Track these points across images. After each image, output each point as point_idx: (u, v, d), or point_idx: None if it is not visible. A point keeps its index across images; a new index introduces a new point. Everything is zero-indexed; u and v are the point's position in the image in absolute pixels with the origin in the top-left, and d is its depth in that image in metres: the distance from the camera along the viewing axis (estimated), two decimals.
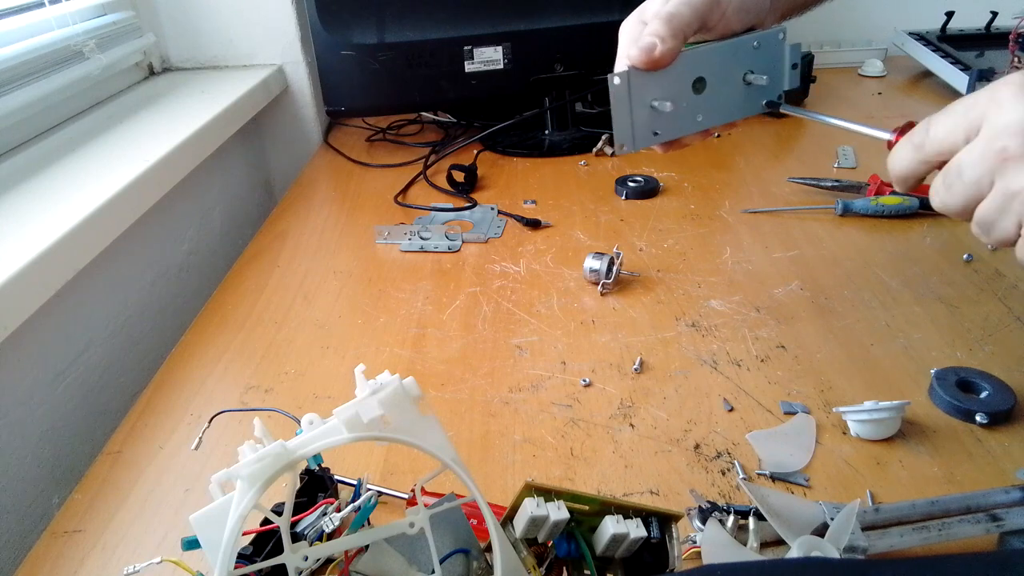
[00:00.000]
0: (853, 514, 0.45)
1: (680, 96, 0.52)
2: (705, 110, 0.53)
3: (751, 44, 0.52)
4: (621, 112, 0.50)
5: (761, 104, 0.54)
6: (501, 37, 1.07)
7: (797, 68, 0.54)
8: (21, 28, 0.90)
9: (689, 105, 0.52)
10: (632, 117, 0.51)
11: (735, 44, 0.52)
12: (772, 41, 0.53)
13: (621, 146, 0.52)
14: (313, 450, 0.37)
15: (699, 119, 0.53)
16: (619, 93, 0.50)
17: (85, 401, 0.76)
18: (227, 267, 0.89)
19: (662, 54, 0.49)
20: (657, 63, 0.49)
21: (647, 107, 0.51)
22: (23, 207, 0.73)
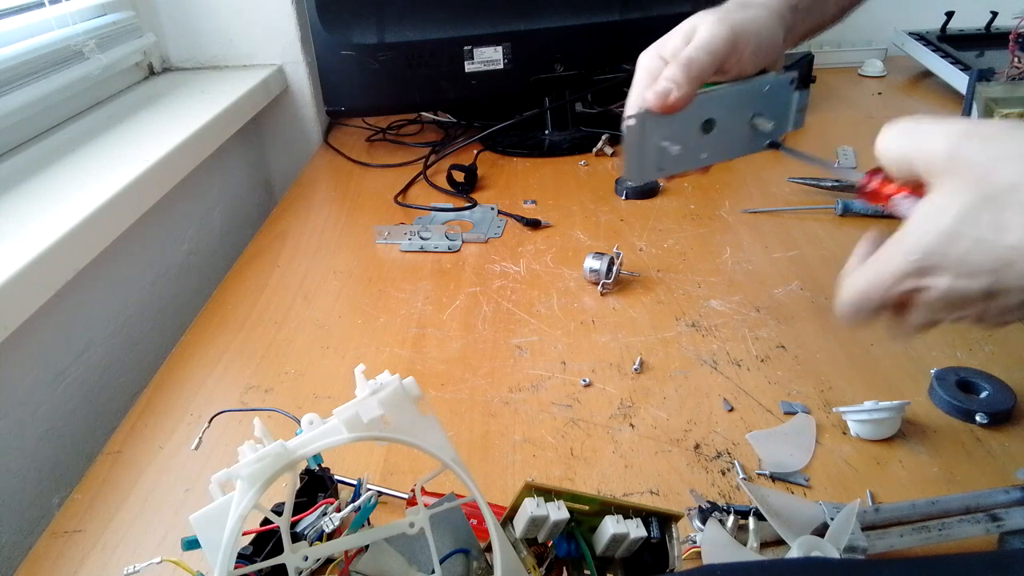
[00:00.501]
0: (853, 514, 0.45)
1: (689, 136, 0.53)
2: (710, 149, 0.54)
3: (762, 88, 0.53)
4: (632, 150, 0.52)
5: (763, 144, 0.56)
6: (501, 37, 1.07)
7: (804, 112, 0.56)
8: (21, 28, 0.90)
9: (696, 144, 0.54)
10: (641, 155, 0.52)
11: (746, 88, 0.53)
12: (782, 86, 0.55)
13: (628, 180, 0.54)
14: (313, 450, 0.37)
15: (703, 156, 0.55)
16: (633, 134, 0.51)
17: (85, 401, 0.76)
18: (227, 267, 0.89)
19: (677, 100, 0.50)
20: (672, 108, 0.50)
21: (657, 146, 0.52)
22: (23, 207, 0.73)
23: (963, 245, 0.36)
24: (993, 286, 0.36)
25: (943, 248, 0.36)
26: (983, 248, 0.35)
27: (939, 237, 0.36)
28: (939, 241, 0.36)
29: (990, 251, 0.35)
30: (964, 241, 0.36)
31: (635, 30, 1.10)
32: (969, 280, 0.36)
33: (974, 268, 0.36)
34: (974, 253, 0.36)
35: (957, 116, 0.66)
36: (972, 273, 0.36)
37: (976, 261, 0.36)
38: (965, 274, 0.36)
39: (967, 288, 0.36)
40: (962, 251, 0.36)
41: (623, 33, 1.09)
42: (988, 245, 0.35)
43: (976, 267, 0.36)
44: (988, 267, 0.35)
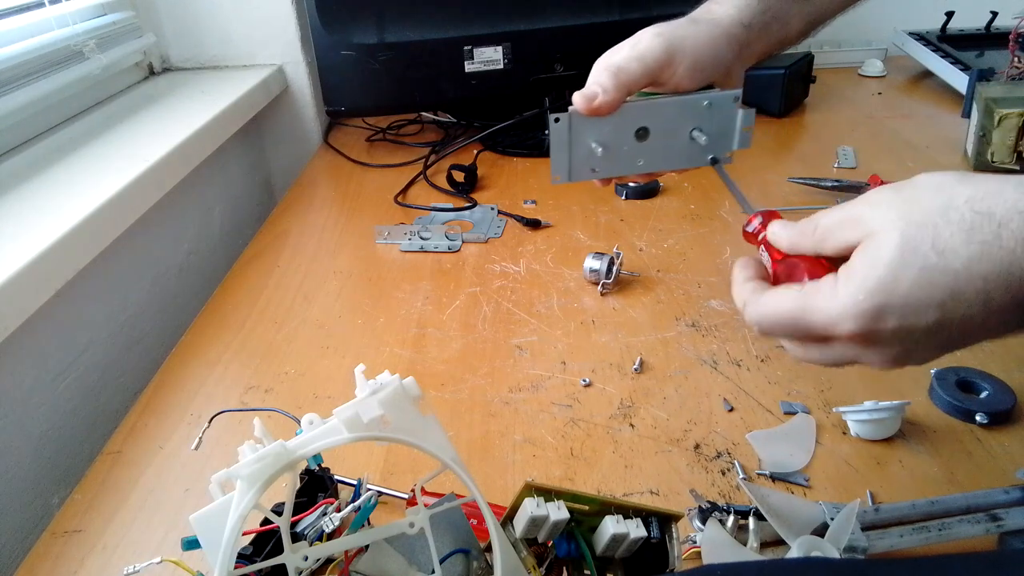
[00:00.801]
0: (853, 514, 0.45)
1: (621, 141, 0.54)
2: (647, 156, 0.55)
3: (702, 103, 0.53)
4: (559, 148, 0.53)
5: (706, 158, 0.55)
6: (501, 37, 1.07)
7: (750, 131, 0.55)
8: (21, 28, 0.90)
9: (630, 150, 0.54)
10: (571, 153, 0.53)
11: (682, 102, 0.53)
12: (725, 103, 0.54)
13: (556, 177, 0.54)
14: (313, 450, 0.37)
15: (640, 163, 0.55)
16: (558, 131, 0.52)
17: (85, 401, 0.76)
18: (227, 267, 0.89)
19: (600, 104, 0.51)
20: (595, 112, 0.51)
21: (587, 146, 0.53)
22: (23, 207, 0.73)
23: (908, 278, 0.34)
24: (940, 320, 0.34)
25: (888, 287, 0.34)
26: (929, 279, 0.33)
27: (885, 273, 0.34)
28: (884, 278, 0.34)
29: (937, 281, 0.33)
30: (909, 273, 0.33)
31: (635, 30, 1.09)
32: (916, 318, 0.34)
33: (921, 304, 0.34)
34: (919, 287, 0.33)
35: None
36: (919, 310, 0.34)
37: (922, 296, 0.33)
38: (912, 312, 0.34)
39: (913, 326, 0.34)
40: (907, 286, 0.34)
41: (623, 33, 1.08)
42: (934, 275, 0.33)
43: (923, 302, 0.33)
44: (936, 300, 0.33)
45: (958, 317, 0.34)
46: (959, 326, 0.34)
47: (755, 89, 1.23)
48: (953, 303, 0.33)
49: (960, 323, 0.34)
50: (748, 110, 0.54)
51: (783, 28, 0.58)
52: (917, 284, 0.33)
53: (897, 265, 0.34)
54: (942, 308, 0.33)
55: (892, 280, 0.34)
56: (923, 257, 0.33)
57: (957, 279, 0.33)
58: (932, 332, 0.34)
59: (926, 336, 0.35)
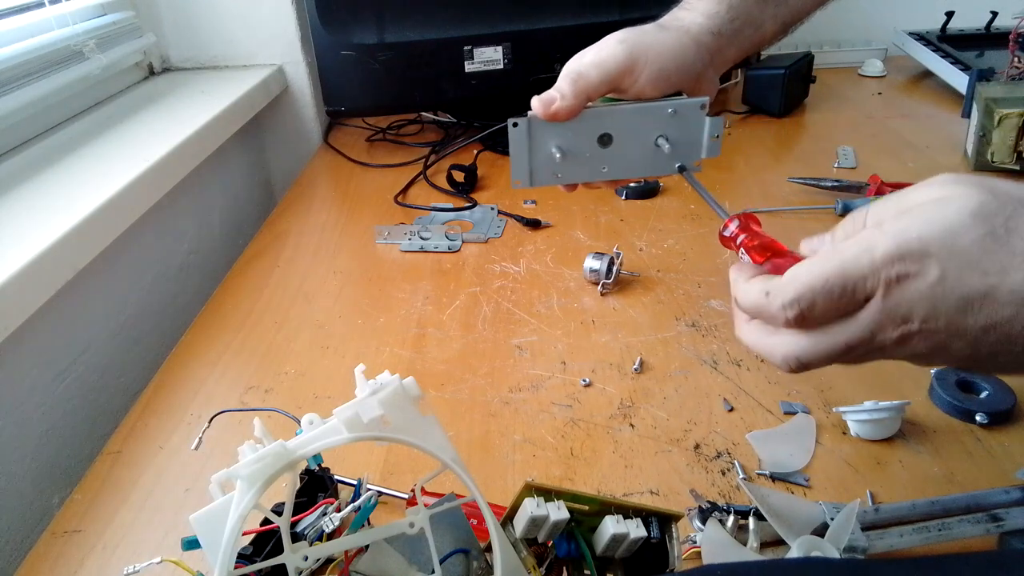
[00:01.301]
0: (853, 514, 0.45)
1: (583, 147, 0.53)
2: (611, 163, 0.54)
3: (666, 111, 0.53)
4: (519, 152, 0.53)
5: (674, 166, 0.54)
6: (501, 37, 1.07)
7: (719, 139, 0.54)
8: (21, 28, 0.90)
9: (593, 156, 0.54)
10: (531, 157, 0.53)
11: (645, 108, 0.53)
12: (691, 111, 0.53)
13: (516, 182, 0.54)
14: (313, 450, 0.37)
15: (604, 170, 0.54)
16: (518, 136, 0.52)
17: (85, 401, 0.76)
18: (227, 267, 0.89)
19: (558, 109, 0.50)
20: (553, 117, 0.51)
21: (548, 152, 0.53)
22: (23, 207, 0.73)
23: (968, 237, 0.31)
24: (982, 292, 0.31)
25: (944, 237, 0.32)
26: (988, 246, 0.31)
27: (946, 223, 0.32)
28: (946, 227, 0.32)
29: (993, 251, 0.31)
30: (971, 234, 0.31)
31: None
32: (958, 278, 0.31)
33: (970, 263, 0.31)
34: (975, 247, 0.31)
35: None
36: (964, 269, 0.31)
37: (973, 257, 0.31)
38: (956, 268, 0.31)
39: (953, 288, 0.32)
40: (964, 244, 0.31)
41: None
42: (994, 244, 0.31)
43: (972, 263, 0.31)
44: (984, 267, 0.31)
45: (997, 299, 0.31)
46: (993, 310, 0.31)
47: (755, 89, 1.23)
48: (1000, 279, 0.31)
49: (995, 307, 0.31)
50: (716, 118, 0.53)
51: (756, 32, 0.57)
52: (975, 244, 0.31)
53: (964, 222, 0.32)
54: (986, 278, 0.31)
55: (952, 233, 0.32)
56: (991, 227, 0.31)
57: (1011, 256, 0.31)
58: (969, 305, 0.32)
59: (960, 310, 0.32)
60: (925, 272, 0.32)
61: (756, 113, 1.24)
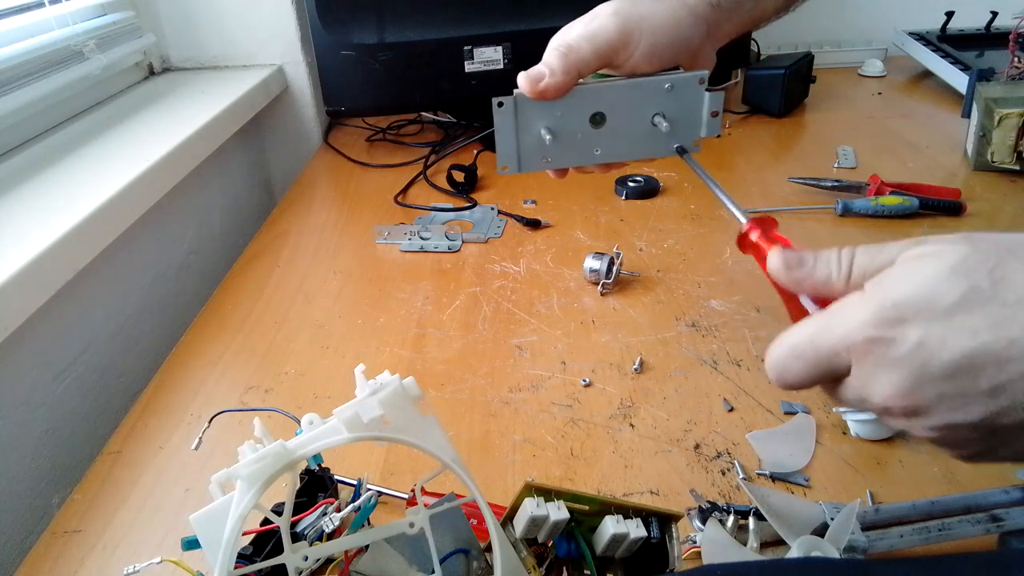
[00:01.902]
0: (853, 514, 0.45)
1: (575, 128, 0.50)
2: (605, 145, 0.51)
3: (662, 86, 0.49)
4: (505, 135, 0.49)
5: (672, 147, 0.51)
6: (501, 37, 1.07)
7: (718, 116, 0.50)
8: (21, 28, 0.90)
9: (586, 138, 0.50)
10: (518, 141, 0.49)
11: (640, 84, 0.49)
12: (689, 85, 0.49)
13: (504, 167, 0.50)
14: (313, 450, 0.37)
15: (597, 152, 0.51)
16: (503, 117, 0.48)
17: (85, 401, 0.76)
18: (227, 267, 0.89)
19: (547, 86, 0.47)
20: (542, 94, 0.47)
21: (536, 133, 0.49)
22: (23, 207, 0.73)
23: (949, 297, 0.29)
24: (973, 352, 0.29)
25: (922, 299, 0.29)
26: (970, 303, 0.29)
27: (925, 284, 0.30)
28: (922, 289, 0.30)
29: (978, 307, 0.29)
30: (952, 291, 0.29)
31: None
32: (942, 340, 0.29)
33: (953, 325, 0.29)
34: (957, 307, 0.29)
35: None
36: (948, 332, 0.29)
37: (957, 319, 0.29)
38: (939, 329, 0.29)
39: (938, 350, 0.29)
40: (945, 304, 0.29)
41: None
42: (978, 299, 0.29)
43: (956, 324, 0.29)
44: (970, 325, 0.29)
45: (995, 356, 0.29)
46: (994, 370, 0.29)
47: (755, 89, 1.23)
48: (993, 336, 0.28)
49: (996, 366, 0.29)
50: (716, 93, 0.50)
51: (756, 5, 0.54)
52: (956, 305, 0.29)
53: (943, 282, 0.29)
54: (975, 337, 0.29)
55: (930, 293, 0.29)
56: (973, 282, 0.29)
57: (1003, 307, 0.28)
58: (959, 371, 0.29)
59: (949, 376, 0.29)
60: (903, 339, 0.30)
61: (756, 113, 1.24)
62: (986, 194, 0.91)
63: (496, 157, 0.50)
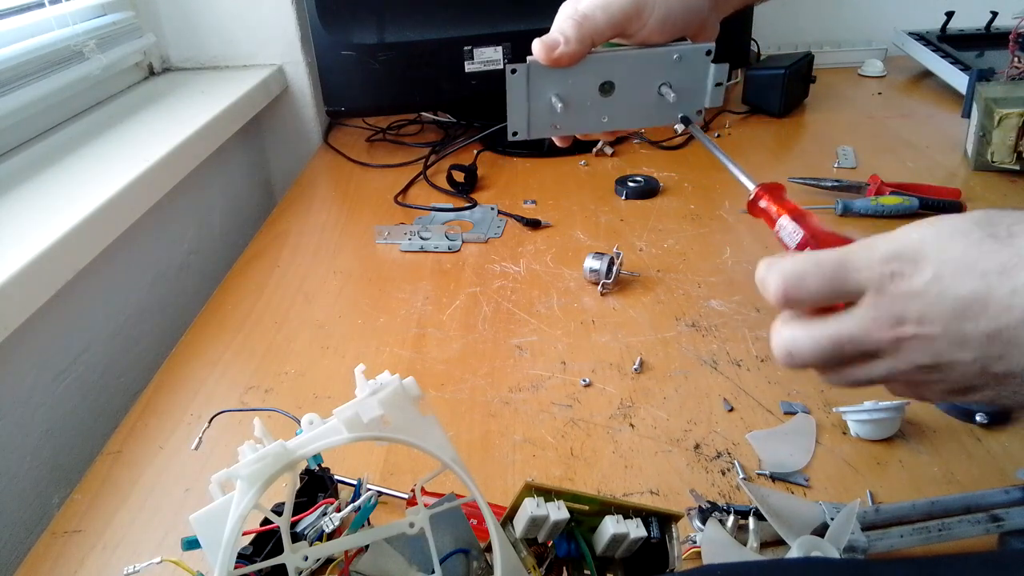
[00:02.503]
0: (853, 514, 0.45)
1: (584, 96, 0.51)
2: (612, 113, 0.52)
3: (671, 56, 0.50)
4: (517, 101, 0.50)
5: (677, 116, 0.52)
6: (501, 37, 1.07)
7: (722, 87, 0.52)
8: (21, 28, 0.90)
9: (594, 105, 0.52)
10: (530, 107, 0.51)
11: (650, 54, 0.50)
12: (696, 56, 0.51)
13: (514, 133, 0.52)
14: (313, 450, 0.37)
15: (604, 120, 0.52)
16: (516, 83, 0.49)
17: (85, 401, 0.76)
18: (227, 267, 0.89)
19: (561, 55, 0.48)
20: (556, 62, 0.48)
21: (547, 100, 0.50)
22: (23, 207, 0.73)
23: (963, 243, 0.31)
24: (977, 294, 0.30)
25: (938, 244, 0.31)
26: (984, 247, 0.30)
27: (940, 231, 0.31)
28: (939, 235, 0.31)
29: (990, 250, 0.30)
30: (968, 238, 0.31)
31: None
32: (953, 278, 0.31)
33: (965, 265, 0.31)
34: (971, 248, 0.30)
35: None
36: (959, 270, 0.31)
37: (969, 259, 0.30)
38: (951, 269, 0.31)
39: (947, 289, 0.31)
40: (958, 249, 0.31)
41: None
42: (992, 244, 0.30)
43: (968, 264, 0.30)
44: (981, 267, 0.30)
45: (999, 301, 0.30)
46: (996, 314, 0.30)
47: (755, 89, 1.23)
48: (999, 280, 0.30)
49: (998, 310, 0.30)
50: (721, 65, 0.51)
51: None
52: (972, 246, 0.31)
53: (962, 227, 0.31)
54: (984, 279, 0.30)
55: (949, 236, 0.31)
56: (993, 230, 0.31)
57: (1012, 256, 0.30)
58: (966, 309, 0.31)
59: (956, 314, 0.31)
60: (919, 272, 0.32)
61: (756, 113, 1.24)
62: (986, 194, 0.91)
63: (507, 123, 0.51)
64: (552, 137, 0.53)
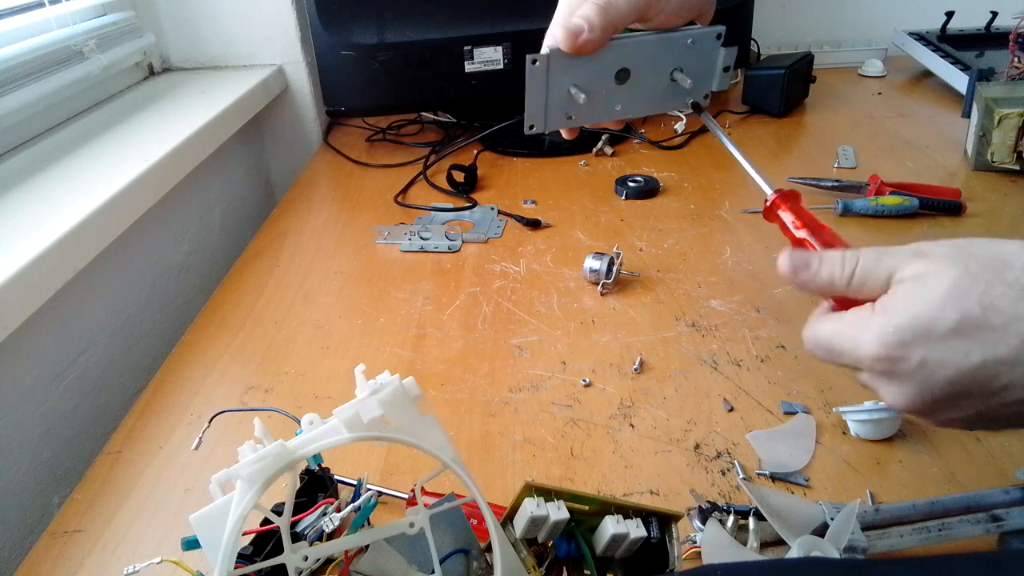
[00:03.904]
0: (853, 514, 0.45)
1: (600, 84, 0.50)
2: (625, 101, 0.51)
3: (685, 41, 0.49)
4: (536, 93, 0.48)
5: (686, 101, 0.52)
6: (501, 37, 1.07)
7: (729, 71, 0.52)
8: (21, 28, 0.90)
9: (609, 94, 0.50)
10: (547, 99, 0.49)
11: (667, 39, 0.49)
12: (707, 40, 0.50)
13: (531, 126, 0.50)
14: (313, 450, 0.37)
15: (617, 108, 0.51)
16: (536, 75, 0.48)
17: (85, 401, 0.76)
18: (227, 267, 0.89)
19: (586, 42, 0.46)
20: (580, 50, 0.46)
21: (564, 91, 0.49)
22: (24, 207, 0.73)
23: (945, 324, 0.33)
24: (966, 371, 0.33)
25: (922, 326, 0.34)
26: (965, 329, 0.33)
27: (924, 311, 0.34)
28: (921, 317, 0.34)
29: (972, 333, 0.33)
30: (948, 319, 0.33)
31: (635, 29, 1.10)
32: (940, 363, 0.34)
33: (950, 349, 0.33)
34: (953, 335, 0.33)
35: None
36: (945, 356, 0.33)
37: (953, 344, 0.33)
38: (938, 354, 0.34)
39: (936, 369, 0.34)
40: (941, 332, 0.33)
41: None
42: (971, 325, 0.33)
43: (953, 348, 0.33)
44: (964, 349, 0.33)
45: (987, 372, 0.33)
46: (986, 381, 0.33)
47: (755, 89, 1.23)
48: (982, 356, 0.33)
49: (988, 378, 0.33)
50: (730, 48, 0.50)
51: None
52: (952, 332, 0.33)
53: (938, 309, 0.34)
54: (969, 357, 0.33)
55: (929, 321, 0.34)
56: (965, 309, 0.33)
57: (993, 333, 0.33)
58: (955, 383, 0.34)
59: (949, 385, 0.34)
60: (907, 360, 0.35)
61: (756, 113, 1.24)
62: (986, 194, 0.91)
63: (525, 117, 0.50)
64: (562, 129, 0.52)
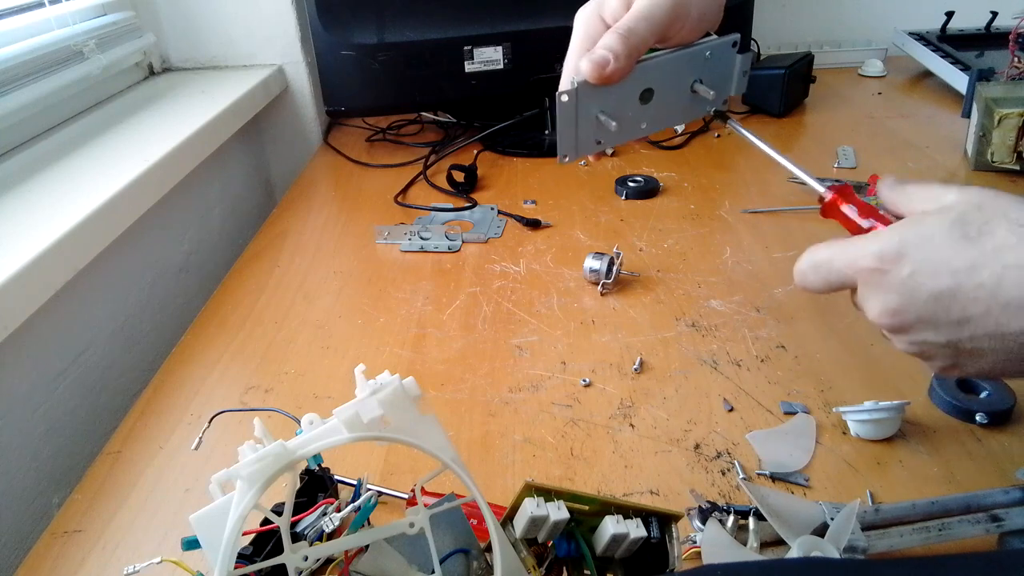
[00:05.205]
0: (853, 514, 0.45)
1: (627, 107, 0.51)
2: (649, 118, 0.52)
3: (704, 54, 0.51)
4: (567, 126, 0.49)
5: (707, 110, 0.53)
6: (501, 37, 1.07)
7: (747, 74, 0.53)
8: (21, 28, 0.90)
9: (635, 115, 0.51)
10: (577, 129, 0.50)
11: (687, 55, 0.51)
12: (724, 50, 0.52)
13: (564, 156, 0.51)
14: (313, 450, 0.37)
15: (643, 127, 0.52)
16: (567, 108, 0.48)
17: (85, 401, 0.76)
18: (227, 267, 0.89)
19: (614, 71, 0.47)
20: (608, 80, 0.47)
21: (592, 119, 0.50)
22: (23, 207, 0.73)
23: (942, 242, 0.36)
24: (950, 288, 0.36)
25: (919, 242, 0.37)
26: (959, 248, 0.36)
27: (924, 230, 0.37)
28: (921, 234, 0.37)
29: (962, 251, 0.35)
30: (947, 239, 0.36)
31: None
32: (929, 276, 0.36)
33: (939, 264, 0.36)
34: (945, 249, 0.36)
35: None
36: (935, 270, 0.36)
37: (943, 258, 0.36)
38: (928, 268, 0.36)
39: (923, 283, 0.36)
40: (935, 247, 0.36)
41: None
42: (964, 245, 0.35)
43: (942, 263, 0.36)
44: (953, 266, 0.36)
45: (966, 294, 0.35)
46: (964, 305, 0.36)
47: (755, 89, 1.23)
48: (967, 277, 0.35)
49: (966, 302, 0.36)
50: (746, 54, 0.52)
51: None
52: (946, 247, 0.36)
53: (942, 230, 0.36)
54: (954, 276, 0.36)
55: (928, 239, 0.36)
56: (965, 231, 0.36)
57: (981, 255, 0.35)
58: (939, 300, 0.36)
59: (929, 305, 0.37)
60: (898, 270, 0.37)
61: (756, 113, 1.24)
62: None
63: (557, 149, 0.51)
64: (590, 154, 0.53)
